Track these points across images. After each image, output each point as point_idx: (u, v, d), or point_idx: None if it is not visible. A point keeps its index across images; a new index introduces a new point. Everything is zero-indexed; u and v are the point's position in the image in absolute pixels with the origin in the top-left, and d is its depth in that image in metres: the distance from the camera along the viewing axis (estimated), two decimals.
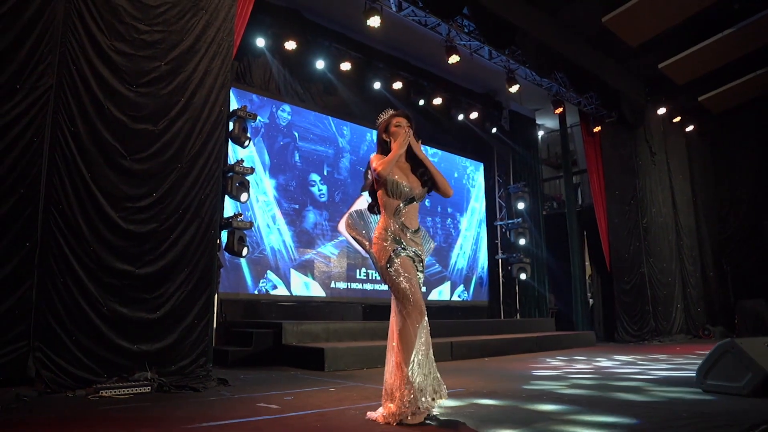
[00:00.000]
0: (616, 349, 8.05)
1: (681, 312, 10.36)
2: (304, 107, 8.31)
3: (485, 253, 10.88)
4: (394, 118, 2.90)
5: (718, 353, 3.59)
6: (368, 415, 2.77)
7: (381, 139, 2.92)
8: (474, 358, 6.58)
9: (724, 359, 3.55)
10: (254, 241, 7.31)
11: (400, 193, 2.78)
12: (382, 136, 2.91)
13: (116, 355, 3.65)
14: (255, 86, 7.74)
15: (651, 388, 3.87)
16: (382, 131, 2.92)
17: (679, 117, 11.01)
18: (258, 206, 7.45)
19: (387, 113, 2.96)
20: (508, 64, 8.21)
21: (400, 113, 2.93)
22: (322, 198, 8.27)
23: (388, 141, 2.87)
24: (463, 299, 10.18)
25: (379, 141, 2.94)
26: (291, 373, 5.11)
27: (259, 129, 7.67)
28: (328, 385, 4.18)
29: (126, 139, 3.85)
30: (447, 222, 10.19)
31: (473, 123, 10.55)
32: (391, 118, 2.91)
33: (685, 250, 10.85)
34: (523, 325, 9.47)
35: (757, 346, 3.53)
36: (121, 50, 3.87)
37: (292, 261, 7.72)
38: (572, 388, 3.88)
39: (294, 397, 3.57)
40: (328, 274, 8.14)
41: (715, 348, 3.63)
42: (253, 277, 7.26)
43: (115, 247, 3.73)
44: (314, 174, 8.24)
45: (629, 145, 10.29)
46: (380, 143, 2.93)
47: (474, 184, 10.99)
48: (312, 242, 8.02)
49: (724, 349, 3.55)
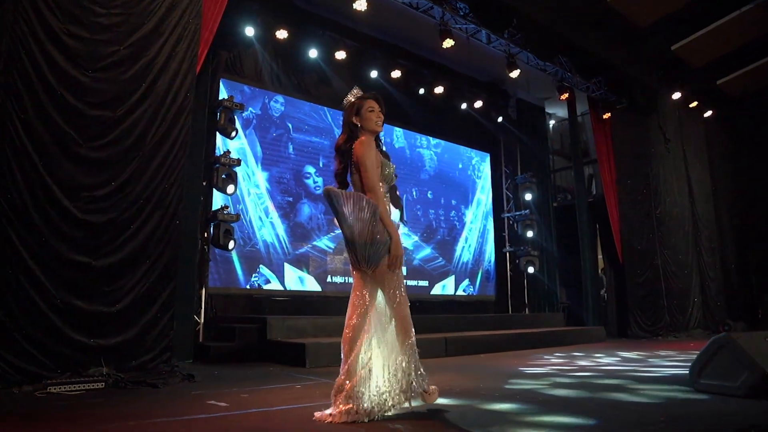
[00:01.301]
0: (625, 346, 7.66)
1: (699, 306, 9.86)
2: (299, 98, 8.12)
3: (492, 246, 10.55)
4: (367, 101, 2.70)
5: (712, 349, 3.26)
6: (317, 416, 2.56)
7: (350, 121, 2.69)
8: (470, 354, 6.30)
9: (720, 356, 3.22)
10: (246, 235, 7.18)
11: (389, 178, 2.67)
12: (352, 119, 2.69)
13: (71, 349, 3.51)
14: (246, 77, 7.58)
15: (641, 387, 3.55)
16: (352, 113, 2.70)
17: (695, 102, 10.47)
18: (250, 199, 7.30)
19: (354, 94, 2.75)
20: (508, 48, 7.86)
21: (371, 95, 2.73)
22: (317, 190, 8.07)
23: (358, 125, 2.68)
24: (469, 294, 9.88)
25: (348, 123, 2.71)
26: (270, 369, 4.94)
27: (251, 120, 7.52)
28: (299, 382, 3.99)
29: (82, 127, 3.71)
30: (451, 214, 9.89)
31: (478, 112, 10.21)
32: (363, 101, 2.70)
33: (704, 242, 10.32)
34: (528, 320, 9.14)
35: (756, 341, 3.20)
36: (75, 34, 3.72)
37: (286, 255, 7.55)
38: (554, 387, 3.59)
39: (251, 394, 3.38)
40: (325, 268, 7.95)
41: (709, 343, 3.30)
42: (244, 271, 7.12)
43: (70, 238, 3.59)
44: (309, 166, 8.06)
45: (641, 132, 9.81)
46: (349, 126, 2.70)
47: (480, 175, 10.66)
48: (307, 236, 7.84)
49: (719, 344, 3.22)
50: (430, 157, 9.75)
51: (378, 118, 2.68)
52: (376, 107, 2.69)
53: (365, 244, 2.47)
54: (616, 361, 5.44)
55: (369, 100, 2.70)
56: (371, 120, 2.65)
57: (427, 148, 9.72)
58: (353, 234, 2.48)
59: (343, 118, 2.74)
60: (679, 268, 9.61)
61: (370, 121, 2.65)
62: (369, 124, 2.65)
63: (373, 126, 2.66)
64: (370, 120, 2.65)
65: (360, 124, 2.66)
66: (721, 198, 10.98)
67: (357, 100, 2.71)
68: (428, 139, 9.75)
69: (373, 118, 2.66)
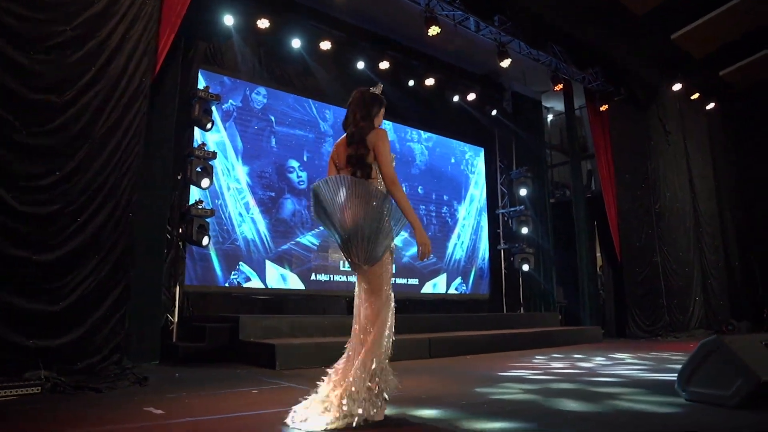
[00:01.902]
0: (620, 346, 7.34)
1: (700, 305, 9.51)
2: (282, 90, 7.84)
3: (486, 243, 10.24)
4: (384, 108, 2.75)
5: (702, 354, 2.96)
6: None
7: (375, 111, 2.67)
8: (456, 355, 6.02)
9: (710, 361, 2.92)
10: (225, 231, 6.92)
11: None
12: (378, 110, 2.69)
13: (6, 352, 3.25)
14: (226, 68, 7.31)
15: (618, 393, 3.26)
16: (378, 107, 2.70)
17: (697, 94, 10.10)
18: (229, 194, 7.04)
19: (379, 88, 2.76)
20: (498, 36, 7.55)
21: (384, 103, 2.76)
22: (301, 185, 7.80)
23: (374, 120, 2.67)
24: (461, 292, 9.58)
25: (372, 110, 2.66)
26: (238, 371, 4.67)
27: (231, 113, 7.25)
28: (260, 386, 3.72)
29: (22, 112, 3.44)
30: (443, 210, 9.60)
31: (471, 105, 9.91)
32: (384, 107, 2.75)
33: (706, 238, 9.97)
34: (522, 320, 8.84)
35: (751, 345, 2.89)
36: (14, 12, 3.46)
37: (267, 252, 7.28)
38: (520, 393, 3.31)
39: (199, 399, 3.11)
40: (309, 265, 7.67)
41: (698, 347, 2.99)
42: (223, 269, 6.86)
43: (7, 230, 3.33)
44: (293, 160, 7.78)
45: (640, 124, 9.47)
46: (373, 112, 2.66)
47: (474, 170, 10.35)
48: (290, 232, 7.57)
49: (709, 348, 2.92)
50: (421, 152, 9.45)
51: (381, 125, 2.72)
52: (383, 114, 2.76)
53: (368, 238, 2.38)
54: (602, 363, 5.13)
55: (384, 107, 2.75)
56: (380, 124, 2.70)
57: (418, 142, 9.43)
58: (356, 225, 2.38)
59: (365, 105, 2.65)
60: (679, 266, 9.27)
61: (380, 124, 2.70)
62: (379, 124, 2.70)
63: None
64: (380, 123, 2.70)
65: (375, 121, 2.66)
66: (724, 193, 10.61)
67: (381, 103, 2.73)
68: (419, 132, 9.45)
69: (381, 122, 2.72)
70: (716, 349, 2.87)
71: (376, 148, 2.51)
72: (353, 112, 2.64)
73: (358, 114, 2.61)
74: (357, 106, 2.63)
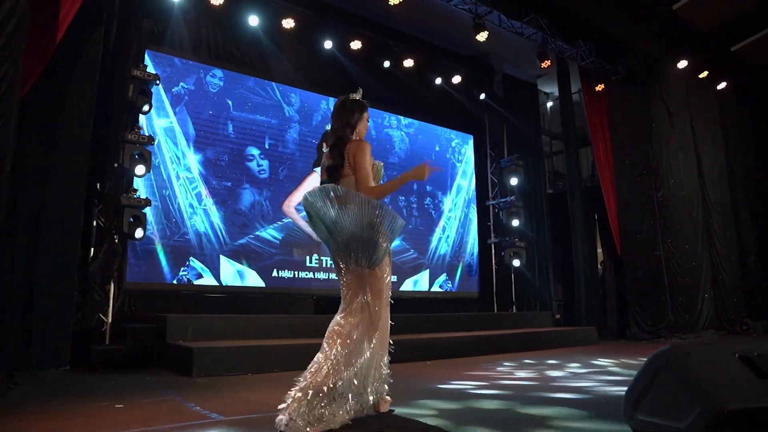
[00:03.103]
0: (611, 350, 6.59)
1: (710, 303, 8.65)
2: (242, 72, 7.27)
3: (475, 237, 9.53)
4: (367, 110, 2.71)
5: (652, 370, 2.26)
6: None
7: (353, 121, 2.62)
8: (414, 361, 5.37)
9: (662, 381, 2.22)
10: (173, 224, 6.39)
11: (378, 176, 2.68)
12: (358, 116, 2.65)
13: None
14: (176, 49, 6.76)
15: (550, 417, 2.58)
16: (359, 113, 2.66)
17: (706, 72, 9.20)
18: (179, 184, 6.51)
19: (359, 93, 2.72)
20: (474, 7, 6.84)
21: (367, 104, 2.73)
22: (262, 174, 7.23)
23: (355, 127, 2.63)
24: (447, 290, 8.90)
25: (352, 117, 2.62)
26: (149, 378, 4.13)
27: (182, 97, 6.71)
28: (146, 398, 3.15)
29: None
30: (425, 202, 8.92)
31: (456, 89, 9.22)
32: (367, 110, 2.71)
33: (717, 229, 9.07)
34: (509, 320, 8.12)
35: (719, 359, 2.18)
36: None
37: (222, 246, 6.73)
38: (429, 415, 2.66)
39: (42, 415, 2.55)
40: (270, 261, 7.10)
41: (648, 360, 2.30)
42: (171, 264, 6.33)
43: None
44: (253, 147, 7.21)
45: (641, 106, 8.63)
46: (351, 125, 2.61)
47: (461, 159, 9.63)
48: (248, 225, 7.00)
49: (659, 363, 2.22)
50: (401, 138, 8.79)
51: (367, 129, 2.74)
52: (367, 117, 2.73)
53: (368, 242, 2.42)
54: (576, 373, 4.42)
55: (367, 108, 2.72)
56: (365, 128, 2.70)
57: (397, 129, 8.77)
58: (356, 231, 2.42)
59: (344, 113, 2.63)
60: (685, 260, 8.42)
61: (365, 129, 2.70)
62: (362, 132, 2.68)
63: (363, 134, 2.69)
64: (365, 128, 2.70)
65: (357, 126, 2.64)
66: (738, 180, 9.68)
67: (366, 103, 2.71)
68: (398, 118, 8.78)
69: (367, 127, 2.72)
70: (668, 364, 2.17)
71: (354, 160, 2.52)
72: (334, 121, 2.65)
73: (338, 123, 2.62)
74: (337, 114, 2.65)
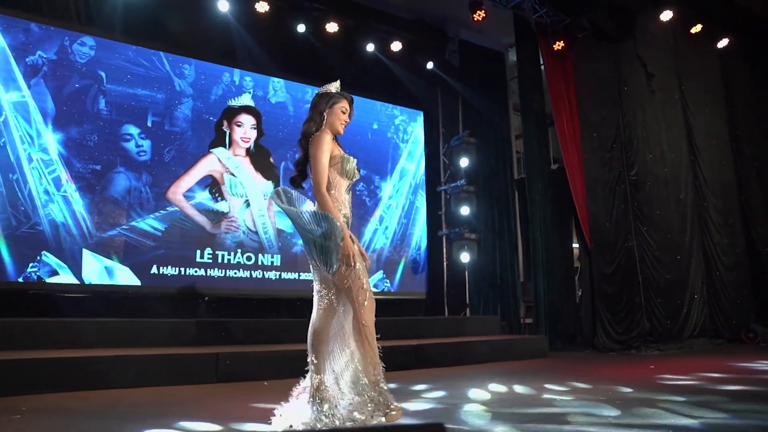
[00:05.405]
0: (562, 367, 5.22)
1: (700, 306, 7.03)
2: (118, 40, 6.35)
3: (423, 228, 8.25)
4: (343, 101, 2.59)
5: None
6: None
7: (321, 110, 2.56)
8: (258, 380, 4.25)
9: None
10: (21, 213, 5.52)
11: (351, 173, 2.55)
12: (324, 108, 2.56)
13: None
14: (35, 12, 5.92)
15: None
16: (325, 104, 2.57)
17: (699, 26, 7.60)
18: (31, 167, 5.64)
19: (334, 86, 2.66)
20: None
21: (348, 97, 2.64)
22: (142, 156, 6.27)
23: (324, 118, 2.55)
24: (384, 290, 7.68)
25: (317, 110, 2.57)
26: None
27: (40, 68, 5.84)
28: None
29: None
30: (359, 187, 7.73)
31: (396, 58, 8.01)
32: (339, 99, 2.59)
33: (713, 215, 7.44)
34: (442, 326, 6.79)
35: None
36: None
37: (85, 239, 5.81)
38: None
39: None
40: (149, 255, 6.12)
41: None
42: (15, 260, 5.45)
43: None
44: (131, 125, 6.25)
45: (610, 66, 7.14)
46: (317, 113, 2.56)
47: (407, 139, 8.38)
48: (122, 214, 6.06)
49: None
50: None
51: (344, 122, 2.61)
52: (348, 110, 2.63)
53: (321, 247, 2.38)
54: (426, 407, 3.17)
55: (345, 100, 2.62)
56: (339, 120, 2.57)
57: None
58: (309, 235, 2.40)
59: (314, 103, 2.61)
60: (666, 252, 6.86)
61: (338, 120, 2.57)
62: (335, 124, 2.56)
63: (337, 127, 2.57)
64: (339, 120, 2.57)
65: (326, 118, 2.56)
66: (746, 156, 7.99)
67: (336, 94, 2.62)
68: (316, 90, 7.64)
69: (342, 119, 2.59)
70: None
71: (311, 155, 2.49)
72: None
73: (306, 116, 2.59)
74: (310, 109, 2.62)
